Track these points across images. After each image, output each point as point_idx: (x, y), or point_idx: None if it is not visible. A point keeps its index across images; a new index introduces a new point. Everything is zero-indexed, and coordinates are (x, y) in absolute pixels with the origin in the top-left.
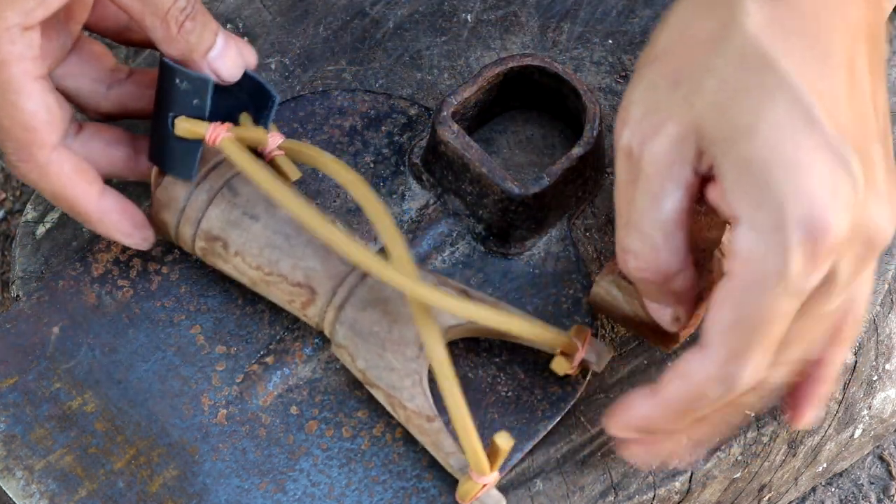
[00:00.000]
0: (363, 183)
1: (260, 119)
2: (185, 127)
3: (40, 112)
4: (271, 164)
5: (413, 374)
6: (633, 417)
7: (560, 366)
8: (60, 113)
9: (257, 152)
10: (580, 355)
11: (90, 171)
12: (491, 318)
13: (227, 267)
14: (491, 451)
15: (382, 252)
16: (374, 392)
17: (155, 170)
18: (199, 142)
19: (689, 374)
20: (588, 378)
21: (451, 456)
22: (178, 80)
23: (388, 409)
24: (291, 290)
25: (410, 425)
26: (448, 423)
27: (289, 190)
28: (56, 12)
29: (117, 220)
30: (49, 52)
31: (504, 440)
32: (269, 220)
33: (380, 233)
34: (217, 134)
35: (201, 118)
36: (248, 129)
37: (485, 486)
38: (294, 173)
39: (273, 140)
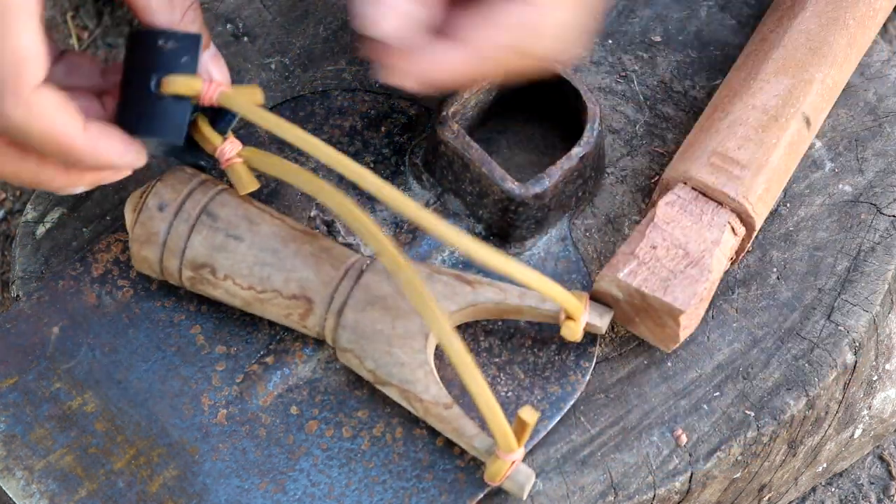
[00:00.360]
0: (337, 192)
1: (218, 125)
2: (179, 82)
3: (33, 45)
4: (228, 171)
5: (424, 366)
6: (439, 68)
7: (570, 330)
8: (46, 50)
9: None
10: (585, 317)
11: (72, 104)
12: (492, 259)
13: (218, 292)
14: (516, 426)
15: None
16: (386, 390)
17: (129, 207)
18: (187, 100)
19: (508, 24)
20: (588, 378)
21: (475, 439)
22: (161, 41)
23: (405, 404)
24: (287, 303)
25: (429, 416)
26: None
27: (310, 136)
28: None
29: (108, 145)
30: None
31: (529, 414)
32: (253, 238)
33: (362, 236)
34: (216, 87)
35: (194, 75)
36: (243, 87)
37: (513, 463)
38: (251, 183)
39: (231, 147)
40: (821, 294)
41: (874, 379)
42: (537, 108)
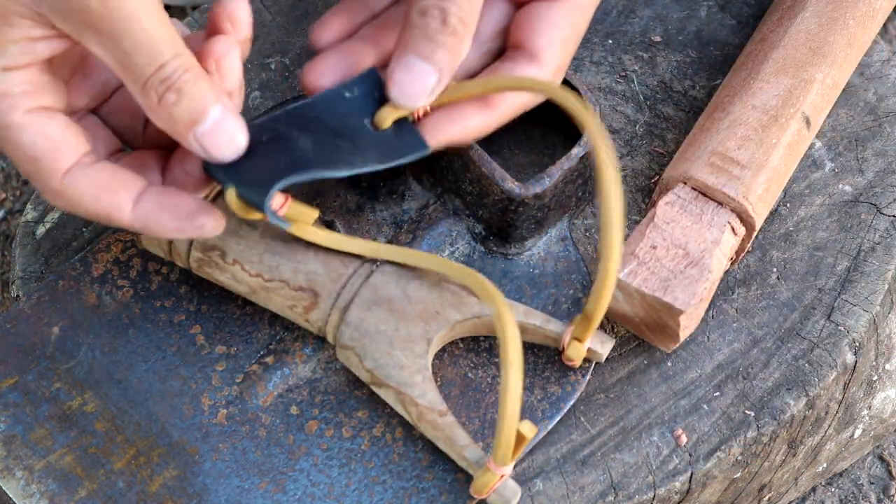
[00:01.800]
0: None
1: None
2: (390, 112)
3: (38, 142)
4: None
5: (423, 371)
6: (467, 129)
7: (576, 351)
8: (68, 139)
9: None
10: (586, 344)
11: (116, 182)
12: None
13: (224, 277)
14: (515, 439)
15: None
16: (382, 392)
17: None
18: (405, 119)
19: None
20: (588, 378)
21: (465, 449)
22: (348, 94)
23: (399, 407)
24: (293, 294)
25: (423, 422)
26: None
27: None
28: (57, 55)
29: (159, 221)
30: (83, 90)
31: (528, 429)
32: (267, 226)
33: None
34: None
35: (375, 109)
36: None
37: (502, 477)
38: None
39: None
40: (821, 294)
41: (874, 379)
42: (537, 109)
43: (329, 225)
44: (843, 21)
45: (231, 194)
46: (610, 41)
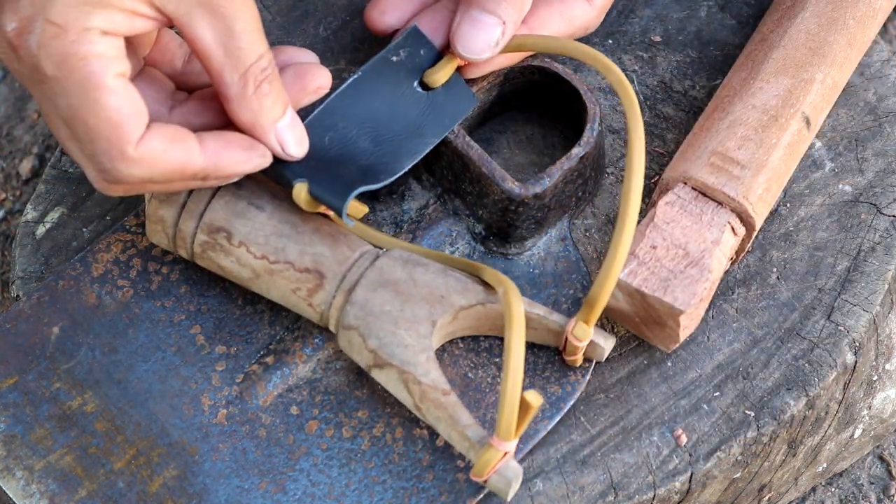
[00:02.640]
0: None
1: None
2: (440, 72)
3: (124, 106)
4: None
5: (427, 350)
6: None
7: (582, 331)
8: (142, 106)
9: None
10: (593, 325)
11: (179, 134)
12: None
13: (228, 261)
14: (519, 411)
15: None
16: (384, 374)
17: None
18: (454, 73)
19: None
20: (588, 378)
21: (468, 428)
22: (394, 58)
23: (401, 388)
24: (298, 276)
25: (425, 401)
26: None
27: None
28: (136, 35)
29: (231, 156)
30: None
31: (534, 397)
32: (274, 209)
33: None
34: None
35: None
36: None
37: (505, 455)
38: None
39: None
40: (821, 294)
41: (874, 379)
42: (537, 108)
43: None
44: (843, 21)
45: (301, 190)
46: (610, 41)
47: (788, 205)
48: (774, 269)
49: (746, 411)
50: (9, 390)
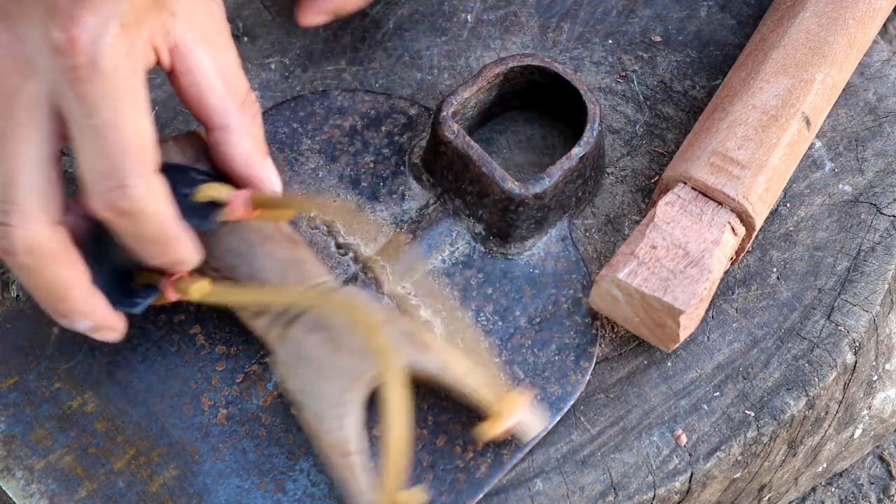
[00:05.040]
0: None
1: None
2: (207, 193)
3: (152, 130)
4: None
5: (342, 405)
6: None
7: (482, 432)
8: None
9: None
10: (505, 424)
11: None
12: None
13: None
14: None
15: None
16: (301, 416)
17: None
18: (214, 205)
19: None
20: (588, 378)
21: (353, 497)
22: (193, 174)
23: (311, 436)
24: None
25: (323, 456)
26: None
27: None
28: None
29: (189, 239)
30: None
31: (413, 496)
32: (235, 225)
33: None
34: (239, 195)
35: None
36: (265, 193)
37: None
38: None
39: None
40: (821, 294)
41: (874, 379)
42: (537, 108)
43: (329, 224)
44: (843, 21)
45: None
46: (610, 41)
47: (788, 205)
48: (774, 269)
49: (746, 411)
50: (9, 390)
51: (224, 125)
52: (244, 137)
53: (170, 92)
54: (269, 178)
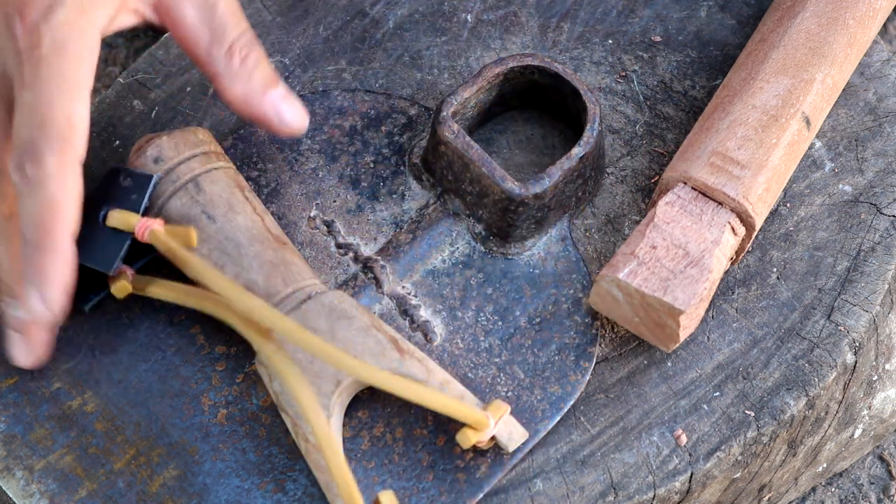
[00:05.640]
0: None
1: (135, 263)
2: (117, 217)
3: (85, 119)
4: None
5: (325, 409)
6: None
7: (464, 438)
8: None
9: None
10: (490, 431)
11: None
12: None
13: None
14: None
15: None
16: (283, 417)
17: (135, 147)
18: (127, 235)
19: None
20: (588, 378)
21: (336, 499)
22: (121, 178)
23: (294, 437)
24: None
25: (309, 458)
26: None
27: (219, 274)
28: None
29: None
30: None
31: (388, 499)
32: (225, 224)
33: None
34: (147, 225)
35: (135, 213)
36: (178, 228)
37: None
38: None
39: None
40: (821, 294)
41: (874, 379)
42: (537, 108)
43: (329, 225)
44: (843, 21)
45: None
46: (610, 41)
47: (788, 205)
48: (774, 269)
49: (746, 411)
50: (9, 390)
51: (212, 73)
52: (234, 82)
53: (170, 92)
54: (274, 113)
